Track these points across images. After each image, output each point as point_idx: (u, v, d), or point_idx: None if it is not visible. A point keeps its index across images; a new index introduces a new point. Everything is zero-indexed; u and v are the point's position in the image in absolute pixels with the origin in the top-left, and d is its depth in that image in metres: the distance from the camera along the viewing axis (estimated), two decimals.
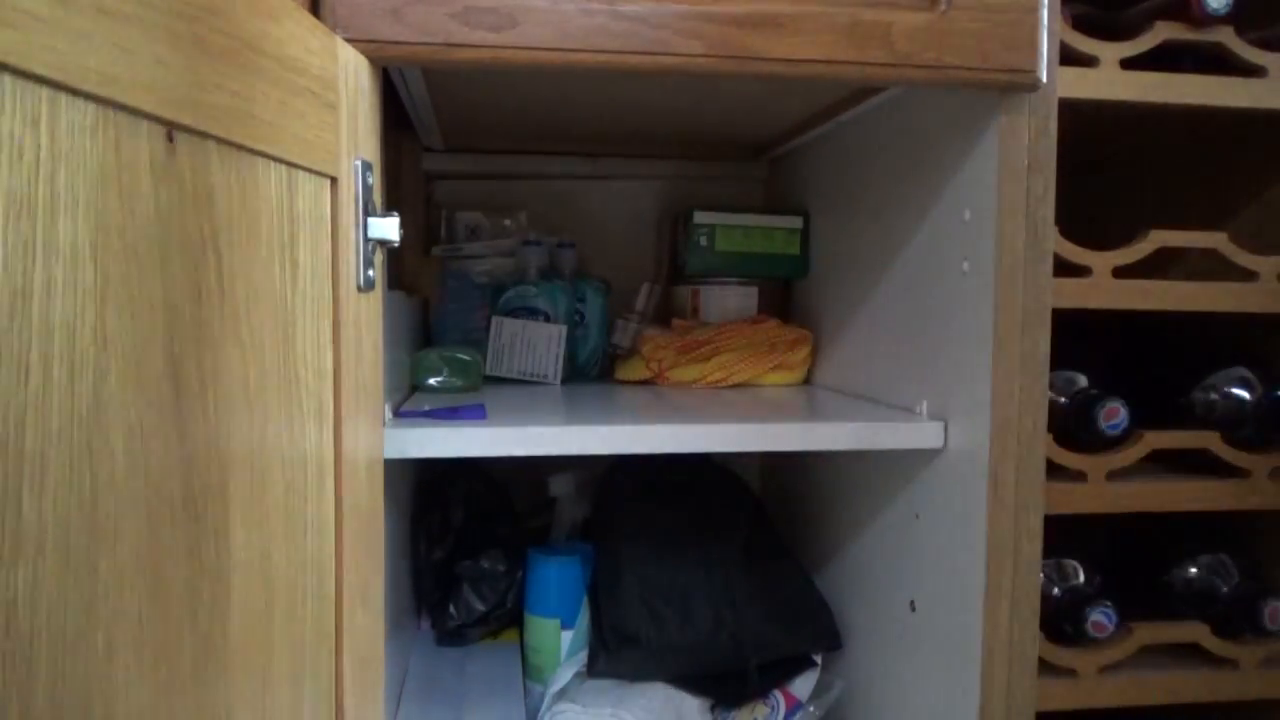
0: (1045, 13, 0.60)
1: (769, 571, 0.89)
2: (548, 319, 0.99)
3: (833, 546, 0.93)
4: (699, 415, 0.70)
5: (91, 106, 0.29)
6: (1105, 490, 0.75)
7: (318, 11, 0.53)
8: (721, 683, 0.83)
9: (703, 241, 1.02)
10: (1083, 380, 0.80)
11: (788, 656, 0.85)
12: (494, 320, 0.99)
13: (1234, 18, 0.72)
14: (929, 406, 0.72)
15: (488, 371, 0.98)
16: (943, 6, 0.59)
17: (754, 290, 1.06)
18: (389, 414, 0.66)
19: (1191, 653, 0.78)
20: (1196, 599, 0.83)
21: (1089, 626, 0.75)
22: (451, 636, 0.94)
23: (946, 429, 0.70)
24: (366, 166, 0.54)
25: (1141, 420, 0.76)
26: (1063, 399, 0.79)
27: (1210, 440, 0.76)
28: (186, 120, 0.34)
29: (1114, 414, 0.74)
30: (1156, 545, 0.86)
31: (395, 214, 0.55)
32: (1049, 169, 0.63)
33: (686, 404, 0.79)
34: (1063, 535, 0.72)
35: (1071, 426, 0.76)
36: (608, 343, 1.07)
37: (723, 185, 1.21)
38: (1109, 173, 1.07)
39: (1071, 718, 0.76)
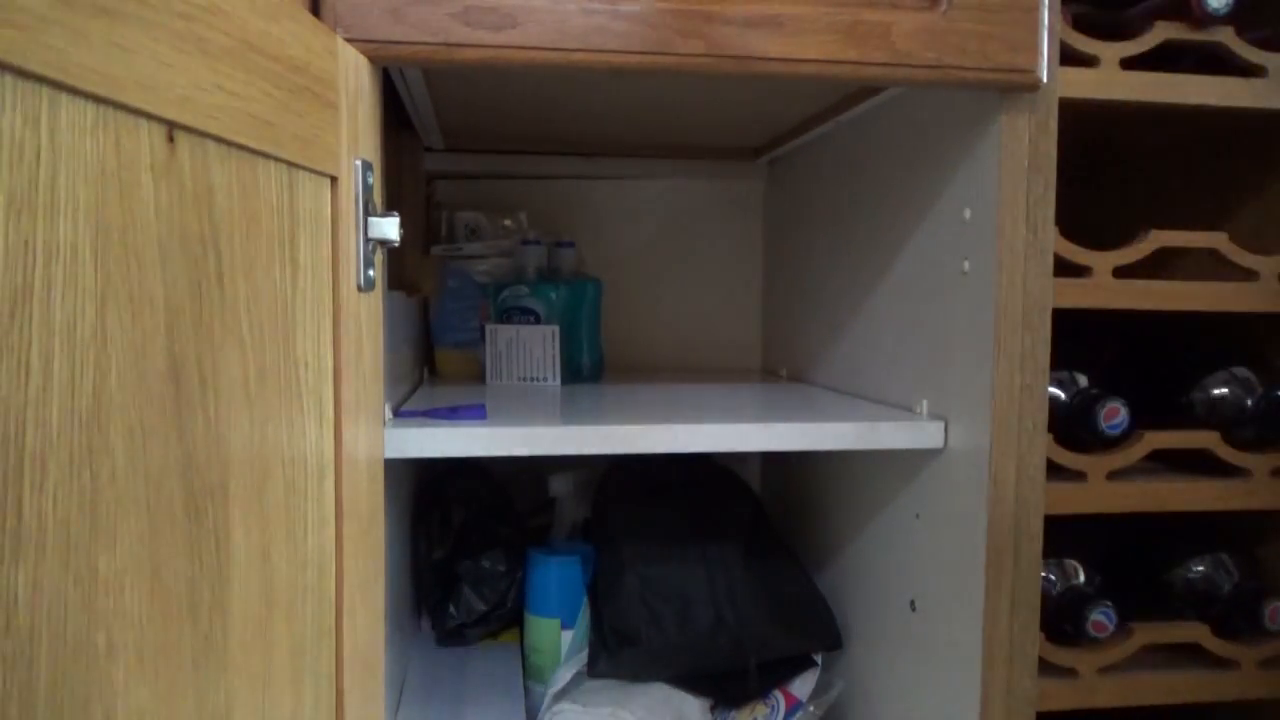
0: (1045, 12, 0.60)
1: (769, 571, 0.89)
2: (538, 319, 0.99)
3: (833, 546, 0.93)
4: (699, 415, 0.70)
5: (91, 106, 0.29)
6: (1105, 490, 0.75)
7: (318, 11, 0.53)
8: (721, 683, 0.83)
9: None
10: (1083, 380, 0.80)
11: (788, 656, 0.85)
12: (488, 329, 0.99)
13: (1234, 18, 0.72)
14: (929, 406, 0.72)
15: (487, 380, 0.98)
16: (943, 6, 0.59)
17: None
18: (389, 414, 0.66)
19: (1191, 653, 0.78)
20: (1196, 599, 0.82)
21: (1089, 626, 0.75)
22: (451, 636, 0.94)
23: (946, 429, 0.70)
24: (366, 166, 0.54)
25: (1141, 420, 0.76)
26: (1063, 399, 0.79)
27: (1210, 440, 0.76)
28: (186, 120, 0.34)
29: (1114, 414, 0.74)
30: (1156, 545, 0.86)
31: (395, 214, 0.55)
32: (1049, 169, 0.63)
33: (686, 404, 0.79)
34: (1063, 535, 0.72)
35: (1071, 426, 0.76)
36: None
37: (723, 186, 1.21)
38: (1109, 173, 1.07)
39: (1071, 718, 0.76)
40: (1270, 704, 0.79)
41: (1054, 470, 0.70)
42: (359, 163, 0.53)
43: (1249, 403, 0.80)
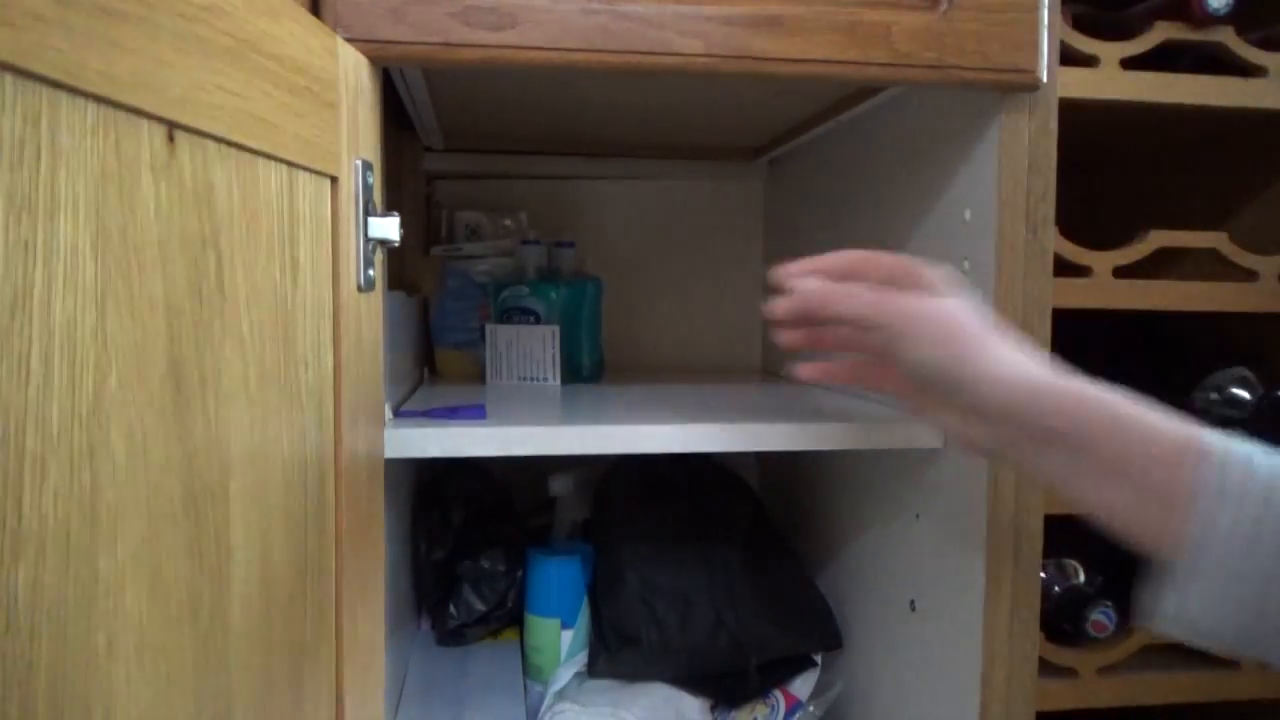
0: (1045, 12, 0.60)
1: (769, 571, 0.89)
2: (538, 319, 0.99)
3: (833, 546, 0.93)
4: (699, 415, 0.70)
5: (91, 106, 0.29)
6: None
7: (318, 11, 0.53)
8: (721, 683, 0.83)
9: None
10: None
11: (788, 656, 0.85)
12: (488, 329, 0.99)
13: (1234, 18, 0.72)
14: None
15: (487, 380, 0.98)
16: (943, 6, 0.59)
17: None
18: (389, 414, 0.66)
19: (1192, 653, 0.78)
20: None
21: (1089, 626, 0.75)
22: (451, 636, 0.94)
23: None
24: (366, 166, 0.54)
25: None
26: None
27: None
28: (186, 120, 0.34)
29: None
30: None
31: (395, 214, 0.55)
32: (1049, 169, 0.63)
33: (687, 404, 0.79)
34: (1063, 535, 0.72)
35: None
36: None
37: (722, 186, 1.21)
38: (1109, 173, 1.07)
39: (1071, 718, 0.76)
40: (1270, 704, 0.79)
41: None
42: (359, 163, 0.53)
43: (1249, 403, 0.79)
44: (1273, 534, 0.40)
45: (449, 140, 1.08)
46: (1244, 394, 0.80)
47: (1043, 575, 0.67)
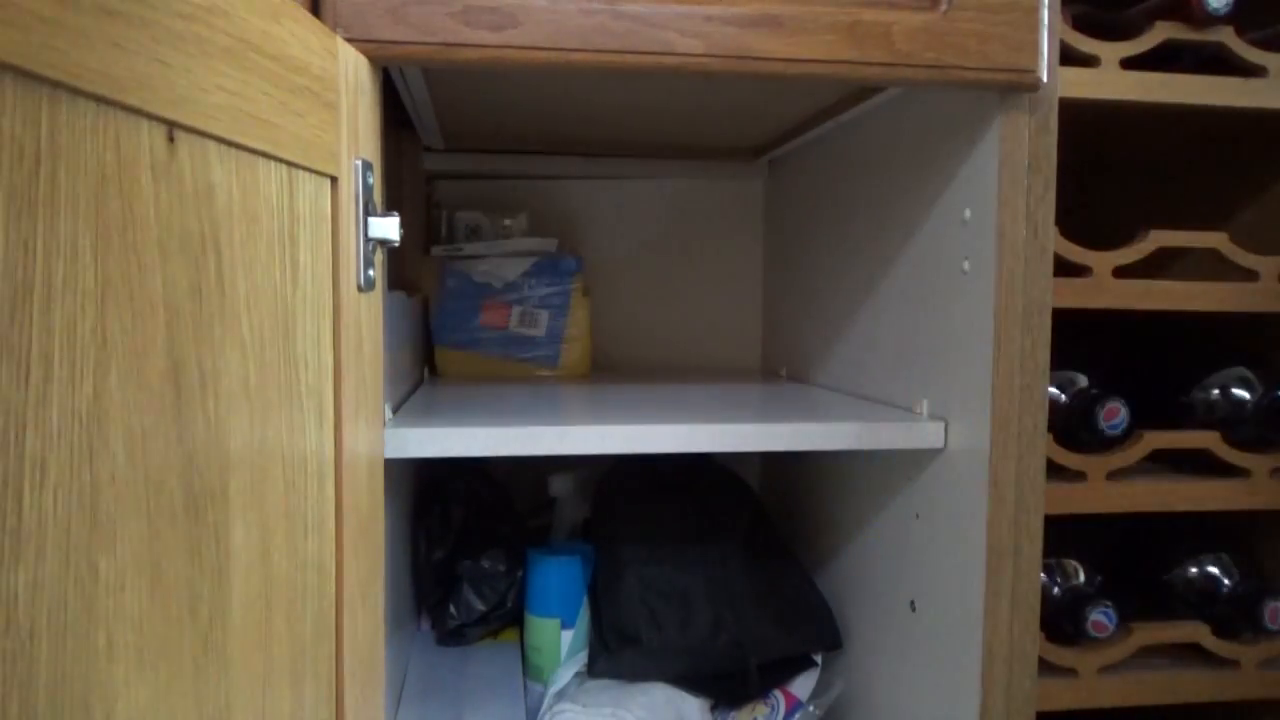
0: (1046, 12, 0.60)
1: (769, 571, 0.89)
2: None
3: (833, 546, 0.93)
4: (699, 415, 0.70)
5: (91, 106, 0.29)
6: (1105, 490, 0.75)
7: (318, 11, 0.53)
8: (721, 683, 0.83)
9: None
10: (1083, 380, 0.80)
11: (788, 656, 0.85)
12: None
13: (1234, 17, 0.72)
14: (929, 406, 0.72)
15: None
16: (943, 6, 0.59)
17: None
18: (389, 414, 0.66)
19: (1191, 653, 0.78)
20: (1196, 599, 0.82)
21: (1089, 626, 0.75)
22: (451, 636, 0.94)
23: (946, 429, 0.70)
24: (366, 166, 0.54)
25: (1141, 420, 0.76)
26: (1063, 399, 0.79)
27: (1210, 440, 0.76)
28: (186, 120, 0.34)
29: (1114, 413, 0.74)
30: (1156, 545, 0.86)
31: (395, 214, 0.55)
32: (1049, 169, 0.63)
33: (687, 404, 0.79)
34: (1063, 535, 0.72)
35: (1071, 426, 0.76)
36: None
37: (723, 186, 1.21)
38: (1109, 173, 1.07)
39: (1071, 718, 0.76)
40: (1270, 704, 0.79)
41: (1054, 470, 0.70)
42: (359, 163, 0.53)
43: (1249, 403, 0.80)
44: None
45: (449, 140, 1.08)
46: (1244, 394, 0.80)
47: (1043, 575, 0.67)
